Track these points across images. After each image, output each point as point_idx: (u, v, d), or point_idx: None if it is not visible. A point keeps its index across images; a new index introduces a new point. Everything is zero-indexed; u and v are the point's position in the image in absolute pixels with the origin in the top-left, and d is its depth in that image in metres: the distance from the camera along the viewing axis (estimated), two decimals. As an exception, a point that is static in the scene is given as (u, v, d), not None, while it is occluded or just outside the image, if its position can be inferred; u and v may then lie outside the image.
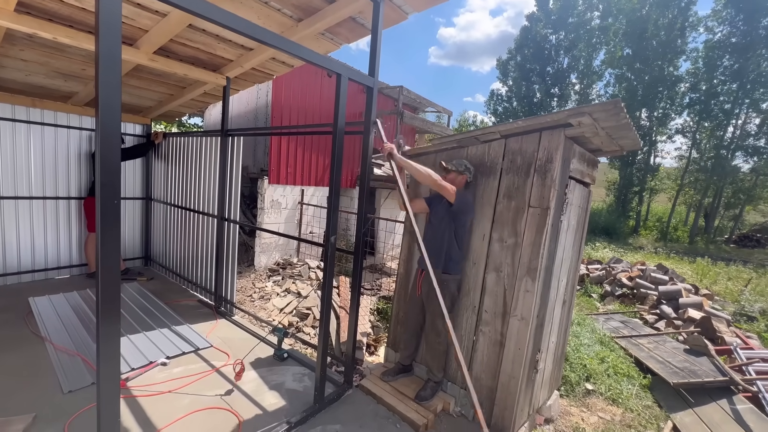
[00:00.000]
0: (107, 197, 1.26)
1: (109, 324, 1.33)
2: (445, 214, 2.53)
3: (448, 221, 2.52)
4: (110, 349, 1.35)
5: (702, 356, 3.96)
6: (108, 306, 1.32)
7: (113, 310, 1.34)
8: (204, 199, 3.99)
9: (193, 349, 2.98)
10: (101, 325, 1.32)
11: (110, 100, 1.23)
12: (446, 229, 2.53)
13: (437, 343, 2.61)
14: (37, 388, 2.35)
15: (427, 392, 2.63)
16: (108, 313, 1.32)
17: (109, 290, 1.31)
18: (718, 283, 8.90)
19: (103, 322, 1.32)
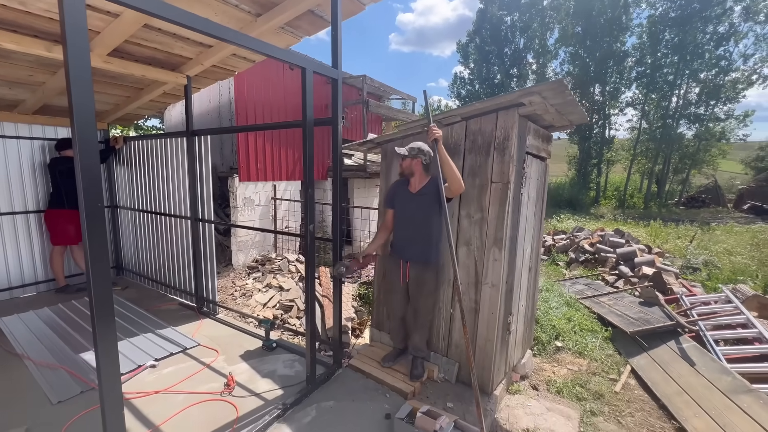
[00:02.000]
0: (91, 202, 1.30)
1: (105, 325, 1.39)
2: (433, 204, 2.52)
3: (436, 211, 2.53)
4: (109, 348, 1.42)
5: (654, 306, 4.41)
6: (102, 308, 1.37)
7: (107, 312, 1.39)
8: (175, 202, 3.94)
9: (180, 349, 3.01)
10: (98, 326, 1.38)
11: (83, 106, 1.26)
12: (434, 218, 2.54)
13: (425, 320, 2.73)
14: (23, 403, 2.33)
15: (419, 370, 2.76)
16: (103, 313, 1.38)
17: (102, 293, 1.37)
18: (668, 242, 9.72)
19: (99, 323, 1.37)
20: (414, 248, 2.60)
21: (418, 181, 2.59)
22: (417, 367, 2.77)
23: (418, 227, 2.57)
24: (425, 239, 2.57)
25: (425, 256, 2.59)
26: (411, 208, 2.59)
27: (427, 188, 2.56)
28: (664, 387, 3.17)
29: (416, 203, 2.57)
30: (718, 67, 21.61)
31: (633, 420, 2.90)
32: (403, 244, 2.66)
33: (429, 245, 2.58)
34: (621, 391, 3.27)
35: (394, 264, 2.72)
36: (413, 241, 2.60)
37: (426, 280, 2.62)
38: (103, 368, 1.39)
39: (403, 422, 2.15)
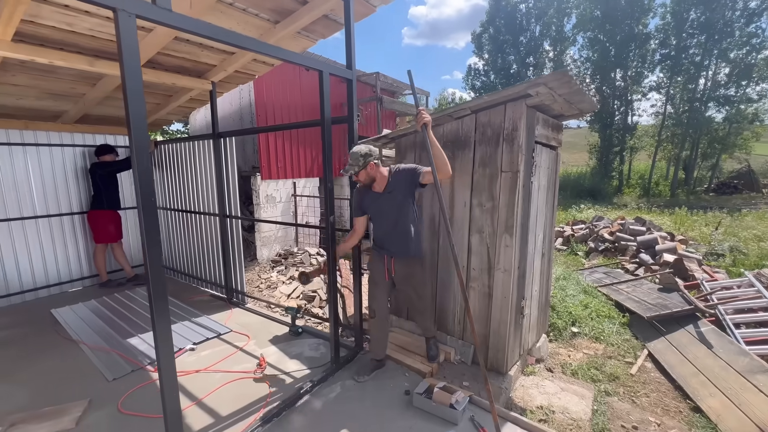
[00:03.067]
0: (147, 203, 1.51)
1: (161, 310, 1.59)
2: (406, 197, 2.49)
3: (409, 203, 2.52)
4: (164, 328, 1.62)
5: (673, 292, 4.39)
6: (159, 295, 1.58)
7: (163, 298, 1.60)
8: (203, 200, 4.22)
9: (215, 335, 3.28)
10: (155, 311, 1.58)
11: (138, 117, 1.48)
12: (409, 211, 2.52)
13: (427, 305, 2.82)
14: (83, 380, 2.63)
15: (433, 350, 2.86)
16: (159, 300, 1.58)
17: (157, 281, 1.57)
18: (694, 229, 9.44)
19: (156, 308, 1.58)
20: (394, 243, 2.57)
21: (380, 181, 2.51)
22: (431, 348, 2.88)
23: (394, 223, 2.53)
24: (403, 233, 2.53)
25: (406, 250, 2.56)
26: (381, 206, 2.54)
27: (392, 185, 2.50)
28: (681, 369, 3.21)
29: (385, 200, 2.52)
30: (749, 45, 20.51)
31: (648, 400, 2.97)
32: (383, 240, 2.63)
33: (407, 238, 2.54)
34: (637, 373, 3.33)
35: (378, 259, 2.67)
36: (391, 237, 2.57)
37: (413, 272, 2.64)
38: (161, 347, 1.61)
39: (421, 396, 2.32)
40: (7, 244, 4.12)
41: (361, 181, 2.50)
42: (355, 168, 2.39)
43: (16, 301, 4.20)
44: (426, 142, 2.26)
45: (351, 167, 2.40)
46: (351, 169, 2.40)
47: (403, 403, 2.40)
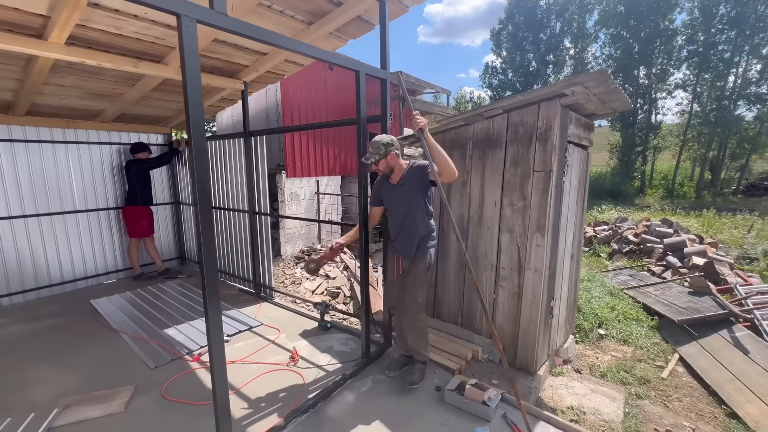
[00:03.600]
0: (204, 203, 1.59)
1: (213, 300, 1.67)
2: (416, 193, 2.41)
3: (420, 200, 2.43)
4: (215, 319, 1.70)
5: (705, 296, 4.29)
6: (211, 287, 1.65)
7: (214, 289, 1.67)
8: (234, 197, 4.34)
9: (247, 328, 3.38)
10: (209, 301, 1.66)
11: (197, 120, 1.54)
12: (418, 208, 2.43)
13: (420, 320, 2.48)
14: (127, 368, 2.76)
15: (416, 376, 2.49)
16: (212, 290, 1.66)
17: (211, 275, 1.65)
18: (723, 232, 9.15)
19: (209, 298, 1.65)
20: (401, 242, 2.51)
21: (397, 173, 2.46)
22: (414, 372, 2.50)
23: (403, 219, 2.46)
24: (409, 231, 2.45)
25: (410, 249, 2.47)
26: (393, 200, 2.50)
27: (405, 178, 2.44)
28: (715, 374, 3.15)
29: (397, 194, 2.47)
30: (783, 40, 19.63)
31: (681, 404, 2.92)
32: (393, 237, 2.58)
33: (413, 238, 2.45)
34: (668, 377, 3.27)
35: (390, 257, 2.65)
36: (400, 235, 2.51)
37: (412, 273, 2.48)
38: (212, 333, 1.68)
39: (453, 393, 2.35)
40: (50, 237, 4.34)
41: (381, 171, 2.45)
42: (376, 156, 2.36)
43: (57, 291, 4.42)
44: (423, 146, 2.26)
45: (372, 155, 2.37)
46: (372, 158, 2.37)
47: (434, 398, 2.43)
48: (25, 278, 4.19)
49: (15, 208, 4.07)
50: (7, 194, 4.00)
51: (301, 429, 2.13)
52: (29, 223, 4.18)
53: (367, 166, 2.43)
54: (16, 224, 4.09)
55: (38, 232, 4.25)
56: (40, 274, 4.29)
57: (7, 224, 4.02)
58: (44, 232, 4.29)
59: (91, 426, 2.15)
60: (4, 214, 4.00)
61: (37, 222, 4.24)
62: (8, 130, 3.97)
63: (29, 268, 4.21)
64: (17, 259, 4.12)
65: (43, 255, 4.30)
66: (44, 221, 4.28)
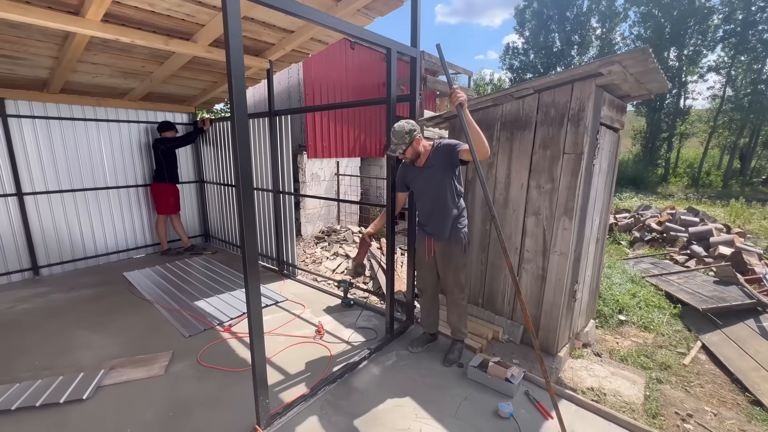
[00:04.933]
0: (246, 184, 1.64)
1: (253, 271, 1.75)
2: (446, 173, 2.39)
3: (449, 180, 2.42)
4: (255, 293, 1.79)
5: (731, 285, 4.20)
6: (251, 261, 1.74)
7: (254, 263, 1.76)
8: (258, 176, 4.42)
9: (273, 302, 3.50)
10: (248, 272, 1.74)
11: (240, 101, 1.58)
12: (448, 189, 2.42)
13: (461, 299, 2.57)
14: (164, 335, 2.92)
15: (455, 355, 2.61)
16: (251, 264, 1.74)
17: (251, 252, 1.73)
18: (752, 222, 8.85)
19: (249, 270, 1.74)
20: (433, 224, 2.50)
21: (423, 156, 2.45)
22: (453, 352, 2.63)
23: (433, 201, 2.45)
24: (441, 213, 2.45)
25: (443, 232, 2.47)
26: (421, 184, 2.48)
27: (432, 160, 2.41)
28: (739, 362, 3.12)
29: (424, 177, 2.45)
30: (831, 19, 18.31)
31: (702, 390, 2.92)
32: (423, 220, 2.58)
33: (446, 219, 2.45)
34: (690, 364, 3.26)
35: (420, 239, 2.65)
36: (431, 217, 2.49)
37: (450, 254, 2.50)
38: (252, 303, 1.78)
39: (476, 369, 2.41)
40: (84, 212, 4.53)
41: (408, 158, 2.43)
42: (402, 147, 2.32)
43: (91, 263, 4.64)
44: (462, 122, 2.17)
45: (398, 146, 2.32)
46: (398, 149, 2.33)
47: (457, 374, 2.50)
48: (63, 250, 4.41)
49: (51, 183, 4.25)
50: (44, 169, 4.18)
51: (330, 397, 2.23)
52: (65, 198, 4.37)
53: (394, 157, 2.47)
54: (53, 199, 4.28)
55: (73, 207, 4.44)
56: (76, 247, 4.50)
57: (45, 198, 4.21)
58: (78, 207, 4.48)
59: (135, 386, 2.30)
60: (42, 188, 4.18)
61: (72, 197, 4.42)
62: (44, 108, 4.11)
63: (66, 241, 4.42)
64: (55, 232, 4.32)
65: (78, 229, 4.50)
66: (78, 197, 4.46)
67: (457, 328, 2.65)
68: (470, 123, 2.15)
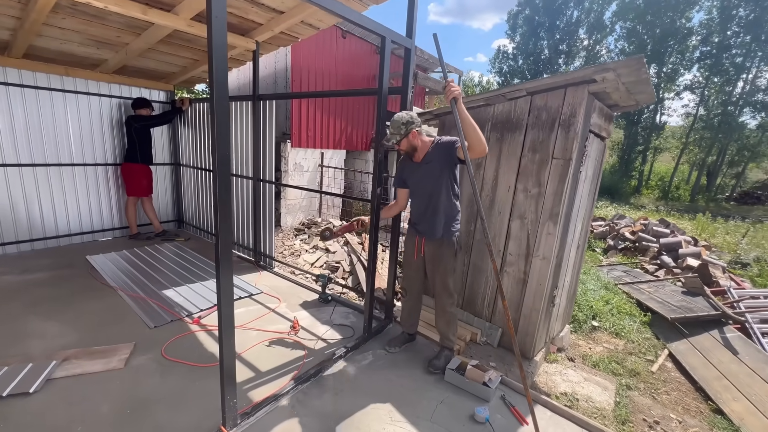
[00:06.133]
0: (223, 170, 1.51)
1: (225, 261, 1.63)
2: (443, 171, 2.31)
3: (446, 179, 2.32)
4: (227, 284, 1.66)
5: (698, 296, 4.36)
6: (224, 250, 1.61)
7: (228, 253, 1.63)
8: (238, 162, 4.23)
9: (247, 295, 3.36)
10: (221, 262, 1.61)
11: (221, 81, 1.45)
12: (443, 188, 2.33)
13: (450, 305, 2.46)
14: (127, 325, 2.73)
15: (441, 361, 2.47)
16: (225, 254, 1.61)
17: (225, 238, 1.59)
18: (716, 236, 9.28)
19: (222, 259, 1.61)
20: (425, 222, 2.41)
21: (421, 151, 2.37)
22: (439, 358, 2.50)
23: (427, 199, 2.37)
24: (435, 212, 2.36)
25: (435, 231, 2.38)
26: (417, 179, 2.41)
27: (430, 155, 2.34)
28: (703, 371, 3.23)
29: (421, 173, 2.37)
30: (798, 49, 19.42)
31: (668, 398, 3.00)
32: (416, 218, 2.48)
33: (439, 219, 2.36)
34: (657, 371, 3.35)
35: (410, 238, 2.56)
36: (424, 215, 2.40)
37: (440, 256, 2.41)
38: (223, 295, 1.66)
39: (454, 372, 2.37)
40: (45, 189, 4.21)
41: (403, 150, 2.37)
42: (397, 137, 2.28)
43: (51, 244, 4.33)
44: (455, 117, 2.06)
45: (393, 136, 2.29)
46: (393, 138, 2.29)
47: (434, 376, 2.45)
48: (19, 229, 4.09)
49: (9, 156, 3.92)
50: (1, 140, 3.84)
51: (303, 397, 2.13)
52: (24, 173, 4.04)
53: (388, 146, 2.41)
54: (11, 173, 3.95)
55: (33, 182, 4.12)
56: (34, 226, 4.19)
57: (1, 172, 3.88)
58: (39, 183, 4.16)
59: (90, 380, 2.13)
60: (-2, 160, 3.85)
61: (32, 172, 4.10)
62: (3, 72, 3.77)
63: (23, 219, 4.10)
64: (11, 208, 4.00)
65: (38, 206, 4.19)
66: (39, 172, 4.14)
67: (445, 334, 2.55)
68: (465, 118, 2.06)
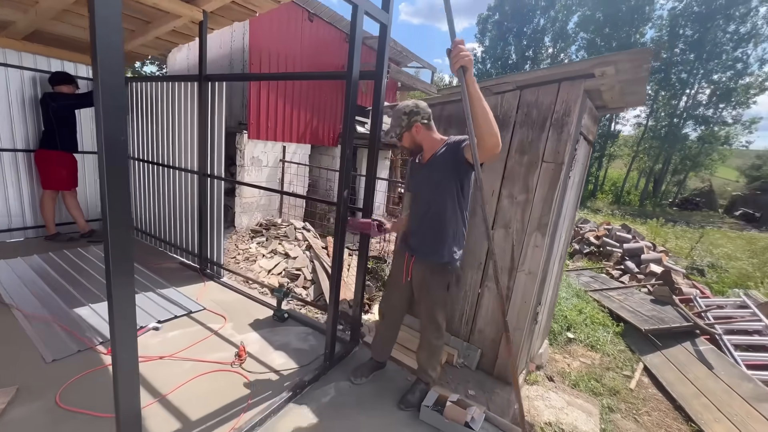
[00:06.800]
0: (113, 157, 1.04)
1: (122, 278, 1.15)
2: (446, 175, 1.82)
3: (450, 186, 1.83)
4: (125, 306, 1.19)
5: (667, 305, 4.34)
6: (120, 261, 1.13)
7: (126, 264, 1.16)
8: (181, 154, 3.62)
9: (185, 313, 2.80)
10: (114, 281, 1.14)
11: (110, 40, 0.96)
12: (447, 197, 1.85)
13: (436, 338, 2.07)
14: (13, 359, 2.11)
15: (415, 396, 2.11)
16: (120, 267, 1.14)
17: (122, 242, 1.12)
18: (668, 242, 9.74)
19: (115, 277, 1.13)
20: (419, 236, 1.95)
21: (428, 150, 1.93)
22: (414, 392, 2.13)
23: (426, 206, 1.89)
24: (431, 226, 1.89)
25: (426, 251, 1.94)
26: (417, 183, 1.96)
27: (439, 155, 1.86)
28: (681, 388, 3.12)
29: (422, 175, 1.92)
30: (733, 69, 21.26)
31: (650, 419, 2.84)
32: (410, 229, 2.03)
33: (434, 235, 1.90)
34: (636, 388, 3.21)
35: (399, 256, 2.12)
36: (419, 228, 1.94)
37: (428, 285, 1.97)
38: (118, 324, 1.18)
39: (431, 411, 2.01)
40: (-75, 178, 3.37)
41: (406, 147, 1.99)
42: (397, 129, 1.89)
43: (-65, 247, 3.49)
44: (463, 93, 1.49)
45: (392, 128, 1.93)
46: (392, 131, 1.93)
47: (407, 414, 2.08)
48: None
49: None
50: None
51: (244, 454, 1.68)
52: None
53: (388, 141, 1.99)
54: None
55: None
56: None
57: None
58: None
59: (-60, 446, 1.54)
60: None
61: None
62: None
63: None
64: None
65: None
66: None
67: (424, 368, 2.16)
68: (474, 94, 1.48)
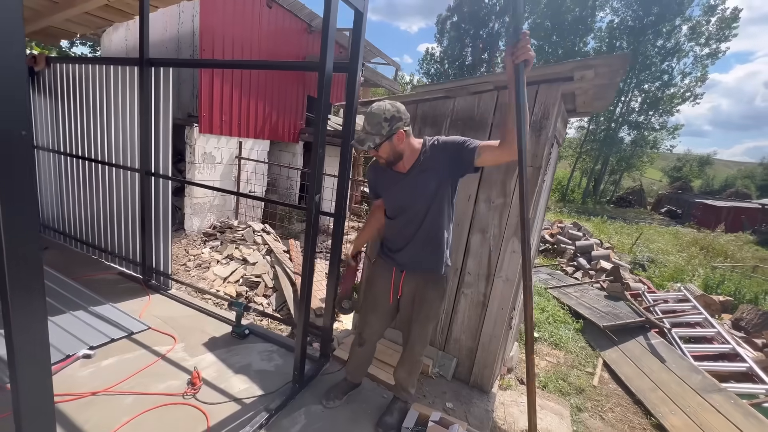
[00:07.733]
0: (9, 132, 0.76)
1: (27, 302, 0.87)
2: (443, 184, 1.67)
3: (446, 195, 1.70)
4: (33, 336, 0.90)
5: (620, 301, 4.60)
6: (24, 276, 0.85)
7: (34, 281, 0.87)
8: (119, 148, 3.15)
9: (125, 334, 2.41)
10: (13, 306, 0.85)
11: None
12: (444, 207, 1.72)
13: (419, 354, 1.93)
14: None
15: (394, 417, 1.98)
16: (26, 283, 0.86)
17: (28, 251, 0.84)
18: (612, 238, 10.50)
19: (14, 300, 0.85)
20: (410, 251, 1.77)
21: (408, 158, 1.68)
22: (392, 413, 2.00)
23: (420, 220, 1.71)
24: (427, 239, 1.73)
25: (428, 266, 1.77)
26: (403, 195, 1.72)
27: (425, 163, 1.67)
28: (638, 382, 3.28)
29: (409, 186, 1.70)
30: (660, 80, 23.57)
31: (614, 415, 2.94)
32: (395, 245, 1.82)
33: (432, 248, 1.74)
34: (598, 384, 3.33)
35: (383, 271, 1.88)
36: (411, 242, 1.75)
37: (425, 299, 1.81)
38: (19, 367, 0.89)
39: (413, 432, 1.87)
40: None
41: (383, 158, 1.64)
42: (376, 139, 1.54)
43: None
44: (518, 88, 1.36)
45: (369, 137, 1.55)
46: (369, 140, 1.54)
47: (387, 437, 1.92)
48: None
49: None
50: None
51: (202, 508, 1.42)
52: None
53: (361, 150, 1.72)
54: None
55: None
56: None
57: None
58: None
59: None
60: None
61: None
62: None
63: None
64: None
65: None
66: None
67: (403, 385, 2.01)
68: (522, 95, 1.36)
